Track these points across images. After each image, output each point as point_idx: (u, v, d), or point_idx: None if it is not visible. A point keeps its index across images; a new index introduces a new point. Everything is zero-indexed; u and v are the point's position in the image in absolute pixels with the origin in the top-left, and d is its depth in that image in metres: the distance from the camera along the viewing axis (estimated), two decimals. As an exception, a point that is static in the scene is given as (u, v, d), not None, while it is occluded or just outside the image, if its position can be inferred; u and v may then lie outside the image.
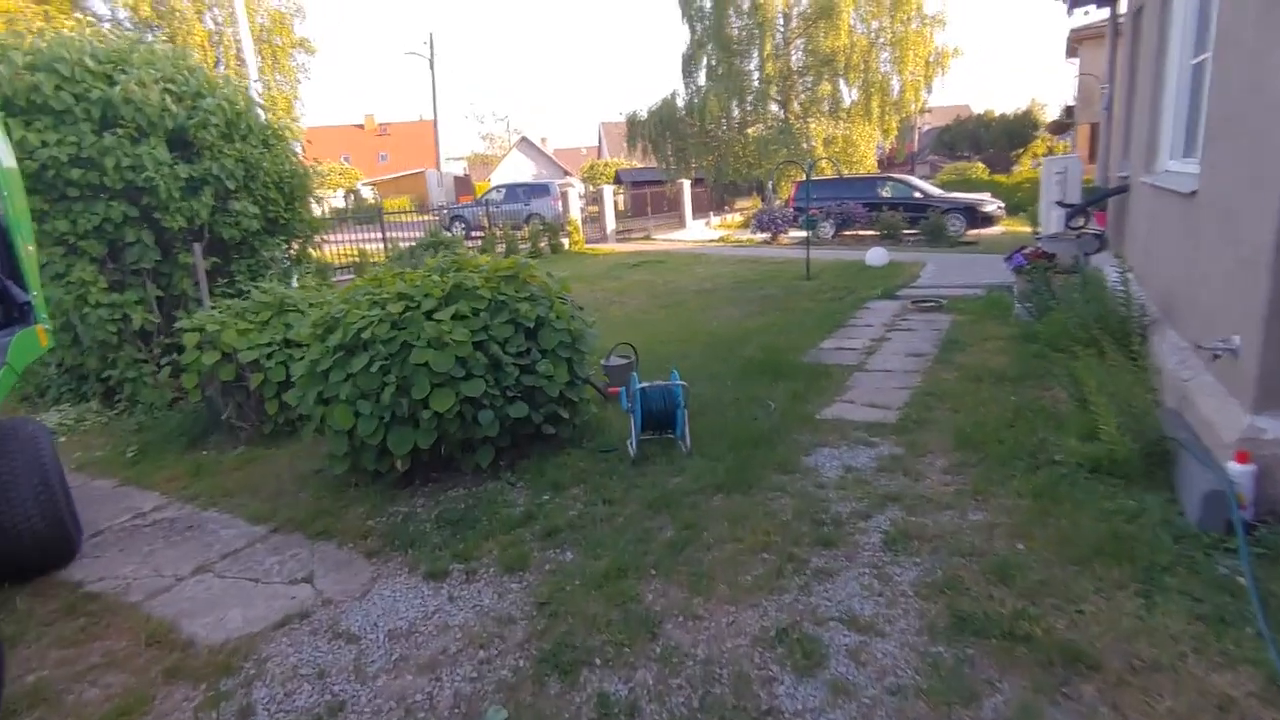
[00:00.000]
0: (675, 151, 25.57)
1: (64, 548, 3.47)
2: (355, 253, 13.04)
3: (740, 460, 4.03)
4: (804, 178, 16.93)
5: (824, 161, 21.94)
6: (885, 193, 17.70)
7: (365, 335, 3.64)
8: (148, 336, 5.59)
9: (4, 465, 3.29)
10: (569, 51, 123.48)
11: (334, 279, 11.68)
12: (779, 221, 18.00)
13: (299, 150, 6.79)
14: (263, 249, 6.14)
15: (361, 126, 58.46)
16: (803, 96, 24.38)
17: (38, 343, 3.62)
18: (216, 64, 23.41)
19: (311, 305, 4.78)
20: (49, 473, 3.40)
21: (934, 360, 5.96)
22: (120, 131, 5.00)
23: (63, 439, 5.30)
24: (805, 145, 22.72)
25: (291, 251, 6.69)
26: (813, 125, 23.31)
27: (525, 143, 51.48)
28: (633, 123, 26.21)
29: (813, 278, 10.98)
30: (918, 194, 17.41)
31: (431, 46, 37.60)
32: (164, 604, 3.11)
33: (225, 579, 3.30)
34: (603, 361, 5.47)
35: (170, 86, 5.27)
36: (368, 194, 41.89)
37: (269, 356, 4.69)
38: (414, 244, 12.07)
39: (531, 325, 4.05)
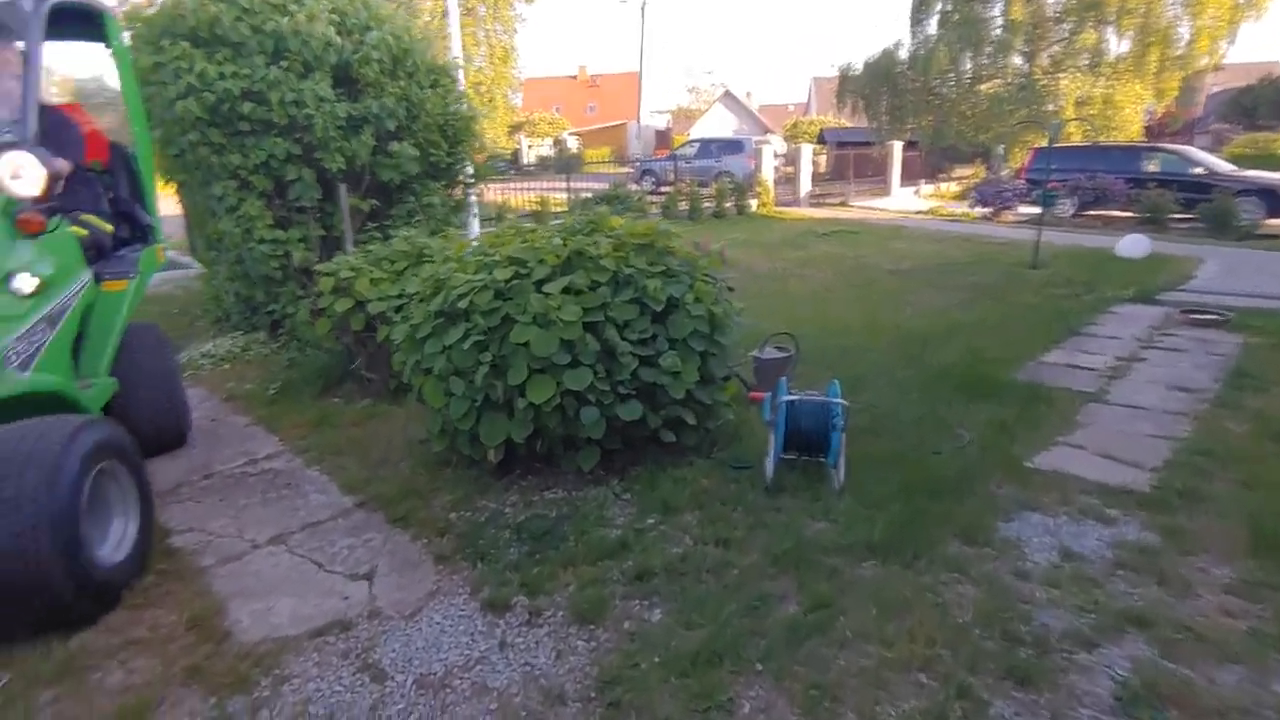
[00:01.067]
0: (890, 109, 23.06)
1: (176, 435, 4.09)
2: (538, 200, 13.05)
3: (909, 513, 3.04)
4: (1045, 144, 14.27)
5: (1073, 125, 18.48)
6: (1152, 166, 14.39)
7: (463, 304, 3.13)
8: (309, 274, 5.64)
9: (140, 357, 3.85)
10: (786, 1, 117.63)
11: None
12: (1006, 195, 15.41)
13: (503, 95, 6.49)
14: (423, 194, 5.96)
15: (574, 77, 60.16)
16: (1055, 48, 20.66)
17: (156, 259, 4.12)
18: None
19: (447, 259, 4.41)
20: (170, 369, 4.09)
21: (1212, 401, 4.37)
22: (286, 64, 4.91)
23: (226, 365, 5.55)
24: (1051, 106, 19.29)
25: (454, 196, 6.48)
26: (1064, 82, 19.68)
27: (729, 97, 49.90)
28: (845, 77, 23.99)
29: (1042, 266, 9.06)
30: (1198, 169, 13.94)
31: (645, -5, 37.13)
32: (227, 576, 2.88)
33: (295, 555, 3.02)
34: (754, 352, 4.60)
35: (337, 18, 5.10)
36: (573, 144, 43.20)
37: (397, 310, 4.41)
38: (590, 195, 11.75)
39: (660, 308, 3.31)
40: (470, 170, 6.64)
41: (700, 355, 3.41)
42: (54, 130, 3.50)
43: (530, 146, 38.90)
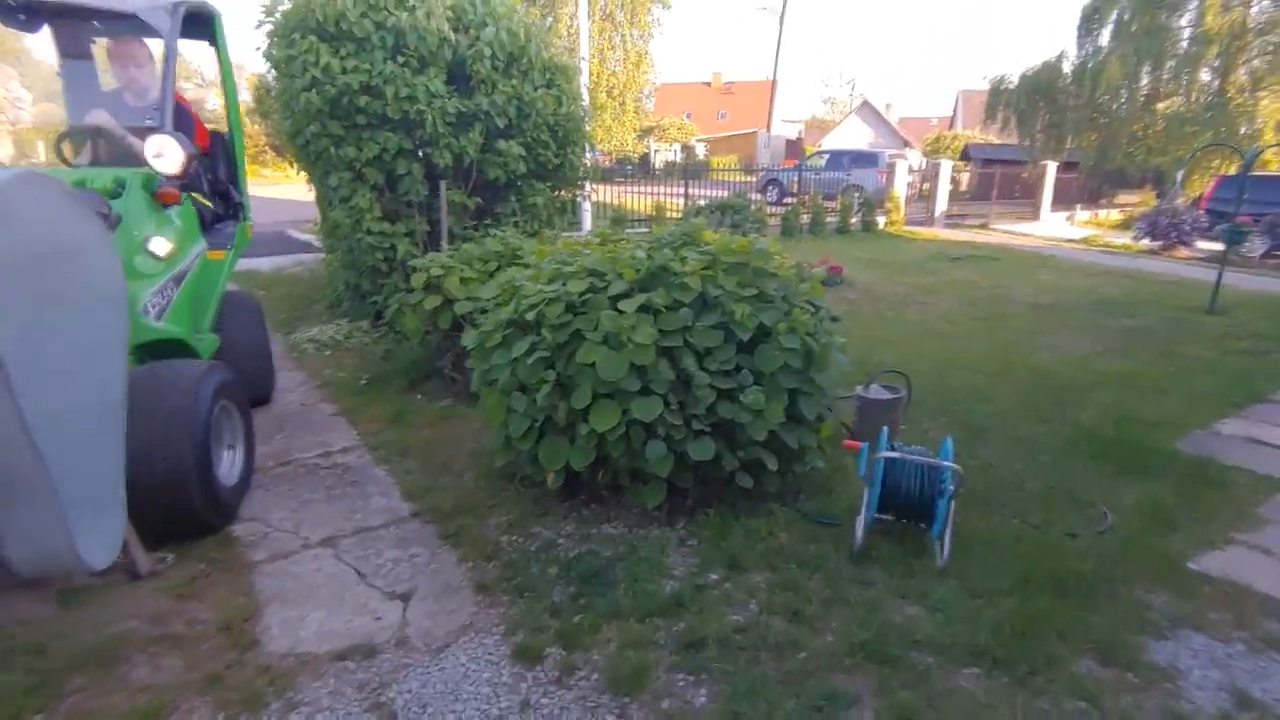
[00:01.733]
0: (1047, 126, 21.16)
1: (264, 391, 4.50)
2: (654, 205, 12.88)
3: (1027, 611, 2.51)
4: (1233, 171, 12.44)
5: (1272, 152, 16.10)
6: (1373, 204, 12.22)
7: (532, 315, 2.90)
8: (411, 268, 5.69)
9: (237, 320, 4.27)
10: (933, 9, 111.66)
11: (626, 229, 11.67)
12: (1182, 227, 13.59)
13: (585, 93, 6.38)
14: (528, 194, 5.87)
15: (708, 84, 60.02)
16: (1256, 62, 18.11)
17: (246, 235, 4.55)
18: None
19: (526, 265, 4.25)
20: (261, 333, 4.54)
21: None
22: (403, 60, 4.94)
23: (328, 351, 5.70)
24: (1245, 129, 16.92)
25: (560, 198, 6.37)
26: (1265, 102, 17.22)
27: (867, 108, 47.90)
28: (997, 90, 22.23)
29: (1221, 313, 7.81)
30: None
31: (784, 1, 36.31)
32: (272, 575, 2.81)
33: (340, 562, 2.91)
34: (859, 389, 4.11)
35: (453, 15, 5.09)
36: (700, 150, 42.97)
37: (484, 311, 4.30)
38: (705, 202, 11.41)
39: (748, 336, 2.94)
40: (581, 171, 6.51)
41: (790, 393, 3.01)
42: (176, 118, 3.66)
43: (658, 151, 39.14)
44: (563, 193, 6.46)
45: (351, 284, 5.95)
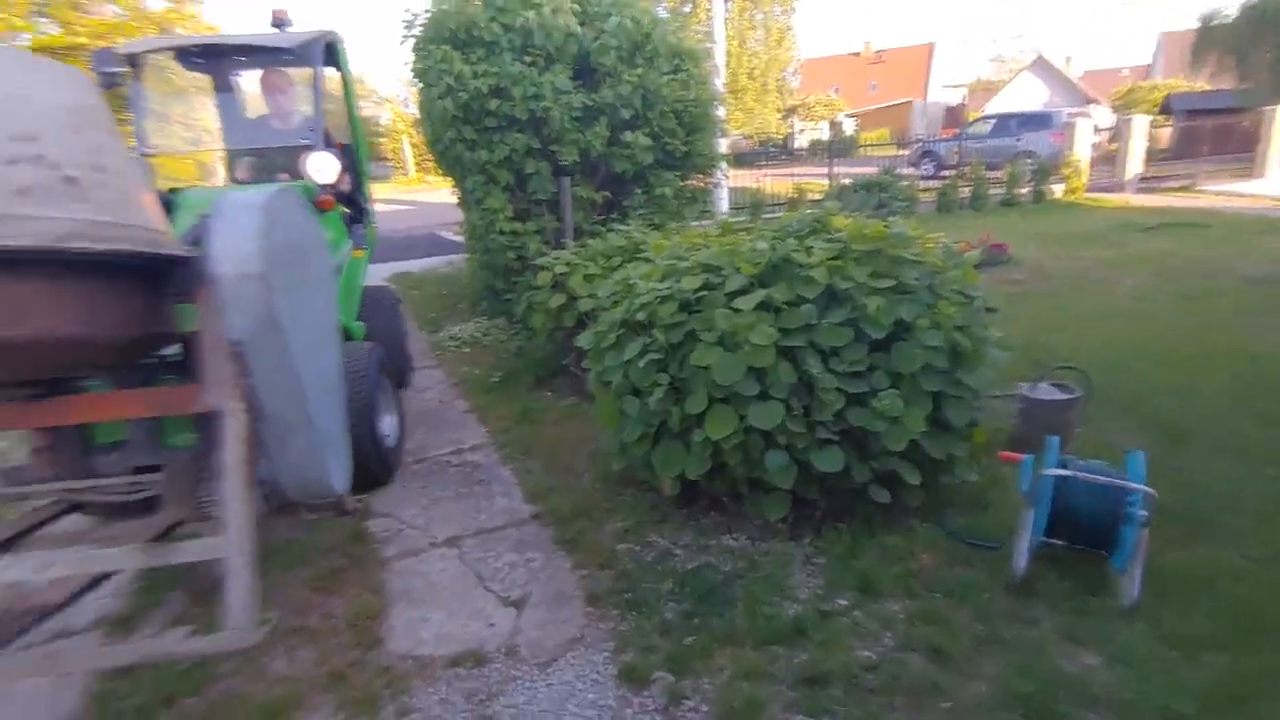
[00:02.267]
0: (1274, 64, 17.75)
1: (401, 376, 4.85)
2: (793, 188, 12.32)
3: (1244, 670, 2.01)
4: None
5: None
6: None
7: (642, 316, 2.76)
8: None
9: (380, 311, 4.69)
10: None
11: (764, 215, 11.25)
12: None
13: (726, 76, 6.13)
14: (655, 184, 5.74)
15: (857, 55, 56.85)
16: None
17: (373, 236, 4.95)
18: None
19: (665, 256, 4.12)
20: (399, 323, 5.02)
21: None
22: (530, 59, 4.98)
23: (466, 349, 5.93)
24: None
25: (690, 187, 6.18)
26: None
27: (1041, 64, 42.99)
28: (1208, 27, 18.92)
29: None
30: None
31: (945, -44, 33.30)
32: (399, 574, 2.90)
33: (462, 564, 2.96)
34: (1023, 388, 3.58)
35: (579, 8, 5.04)
36: (849, 125, 40.87)
37: (614, 305, 4.24)
38: (850, 182, 10.69)
39: (883, 334, 2.61)
40: (712, 158, 6.28)
41: (933, 396, 2.64)
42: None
43: (802, 130, 37.65)
44: (693, 181, 6.26)
45: (488, 283, 6.15)
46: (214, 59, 4.30)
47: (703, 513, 3.13)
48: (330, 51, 4.37)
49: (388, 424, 3.75)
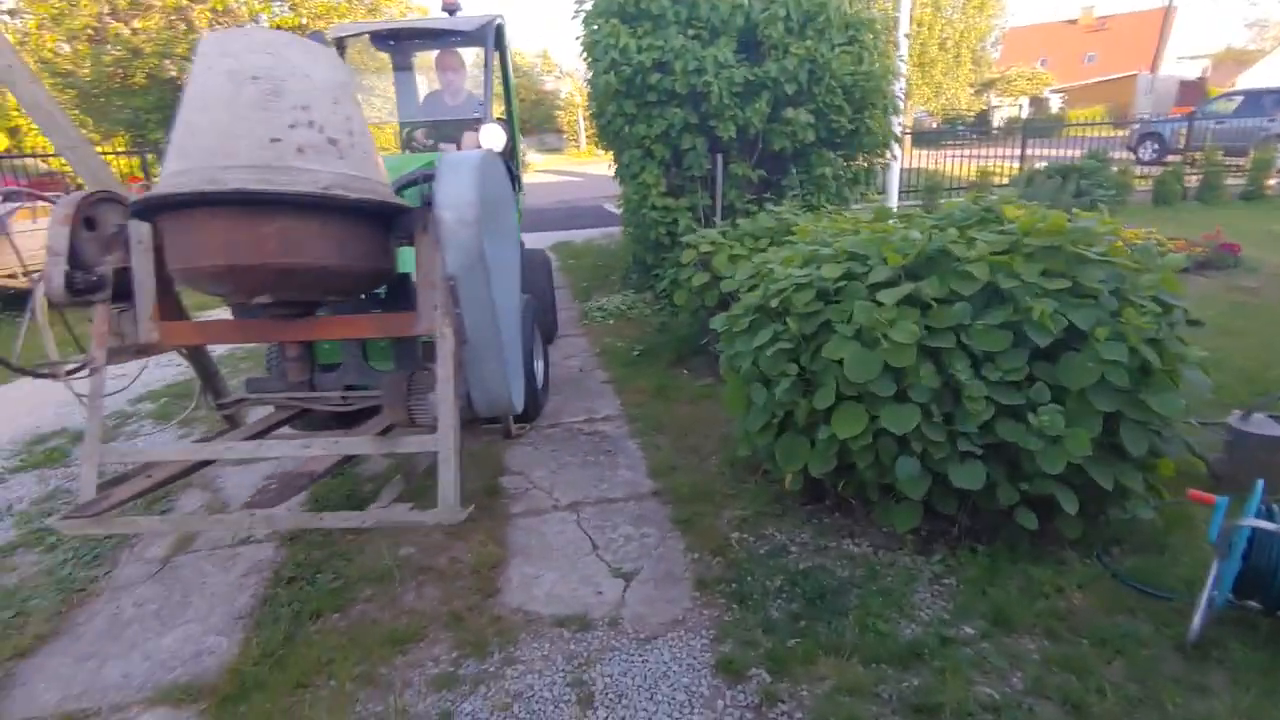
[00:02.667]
0: None
1: (549, 332, 5.30)
2: (977, 171, 11.26)
3: None
4: None
5: None
6: None
7: (776, 302, 2.65)
8: (692, 243, 5.75)
9: (533, 271, 4.99)
10: None
11: (941, 199, 10.39)
12: None
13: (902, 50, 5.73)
14: (816, 163, 5.48)
15: (1073, 22, 50.40)
16: None
17: (520, 203, 5.04)
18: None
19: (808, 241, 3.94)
20: (549, 283, 5.50)
21: None
22: (693, 32, 4.90)
23: (612, 321, 6.07)
24: None
25: (853, 166, 5.83)
26: None
27: (1319, 28, 35.65)
28: None
29: None
30: None
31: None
32: (522, 531, 3.06)
33: (580, 529, 3.06)
34: (1233, 418, 3.04)
35: (748, -23, 4.88)
36: (1055, 103, 36.57)
37: (751, 289, 4.14)
38: (1046, 166, 9.54)
39: (1048, 341, 2.31)
40: (882, 136, 5.87)
41: (1106, 417, 2.31)
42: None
43: (997, 107, 34.23)
44: (860, 160, 5.90)
45: (639, 257, 6.23)
46: (402, 41, 4.71)
47: (826, 512, 2.99)
48: (498, 34, 4.70)
49: (539, 368, 4.22)
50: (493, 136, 4.17)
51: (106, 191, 2.76)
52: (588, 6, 5.49)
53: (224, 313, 3.69)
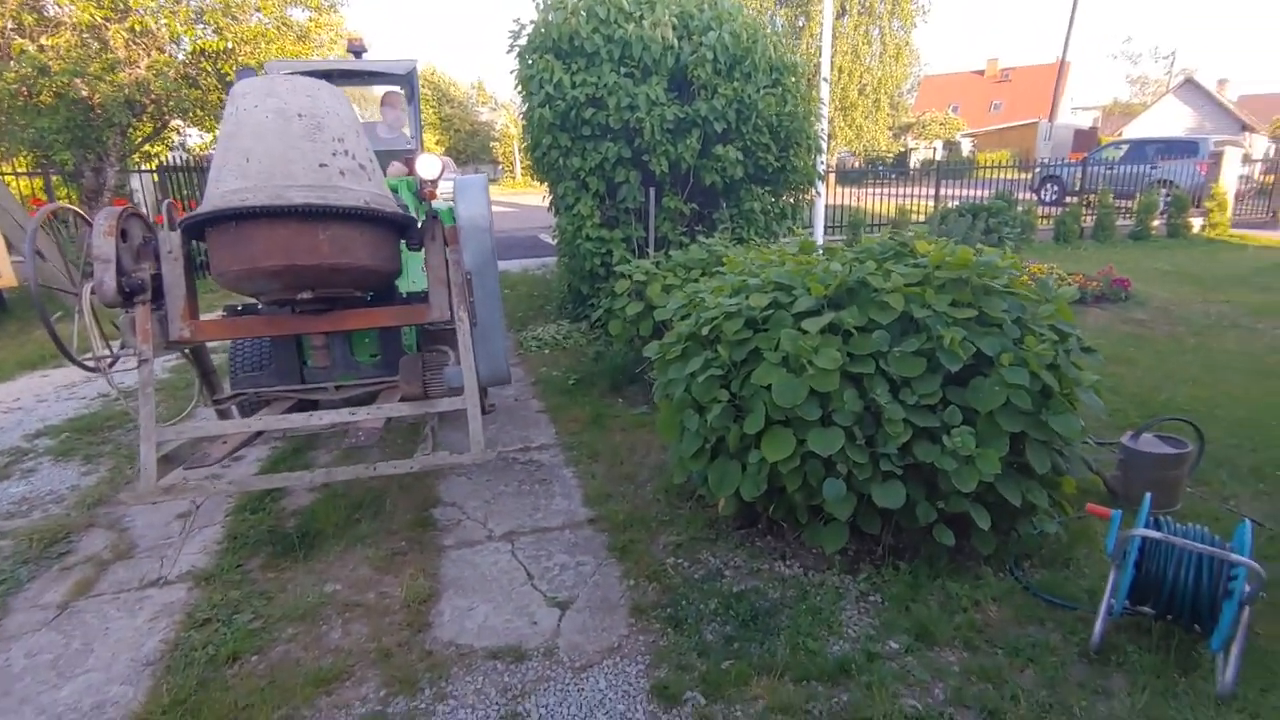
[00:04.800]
0: None
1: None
2: (894, 209, 11.88)
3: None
4: None
5: None
6: None
7: (707, 331, 2.73)
8: (625, 273, 5.84)
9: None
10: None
11: (863, 234, 10.88)
12: None
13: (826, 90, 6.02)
14: (745, 199, 5.69)
15: (980, 73, 54.23)
16: None
17: None
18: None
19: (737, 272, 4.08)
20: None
21: None
22: (626, 70, 5.05)
23: (547, 350, 6.07)
24: None
25: (782, 203, 6.09)
26: None
27: (1190, 86, 39.48)
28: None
29: None
30: None
31: (1086, -30, 31.29)
32: (455, 563, 3.00)
33: (515, 559, 3.02)
34: (1125, 438, 3.29)
35: (677, 21, 5.07)
36: (966, 146, 38.99)
37: (683, 318, 4.23)
38: (958, 205, 10.18)
39: (958, 366, 2.47)
40: (805, 174, 6.15)
41: (1013, 438, 2.47)
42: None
43: (912, 149, 36.25)
44: (785, 197, 6.16)
45: (574, 287, 6.28)
46: (334, 79, 4.80)
47: (759, 535, 3.05)
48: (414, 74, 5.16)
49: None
50: (428, 165, 4.19)
51: (132, 208, 3.10)
52: (523, 41, 5.59)
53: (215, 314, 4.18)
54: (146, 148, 12.57)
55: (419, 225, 3.13)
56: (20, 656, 2.49)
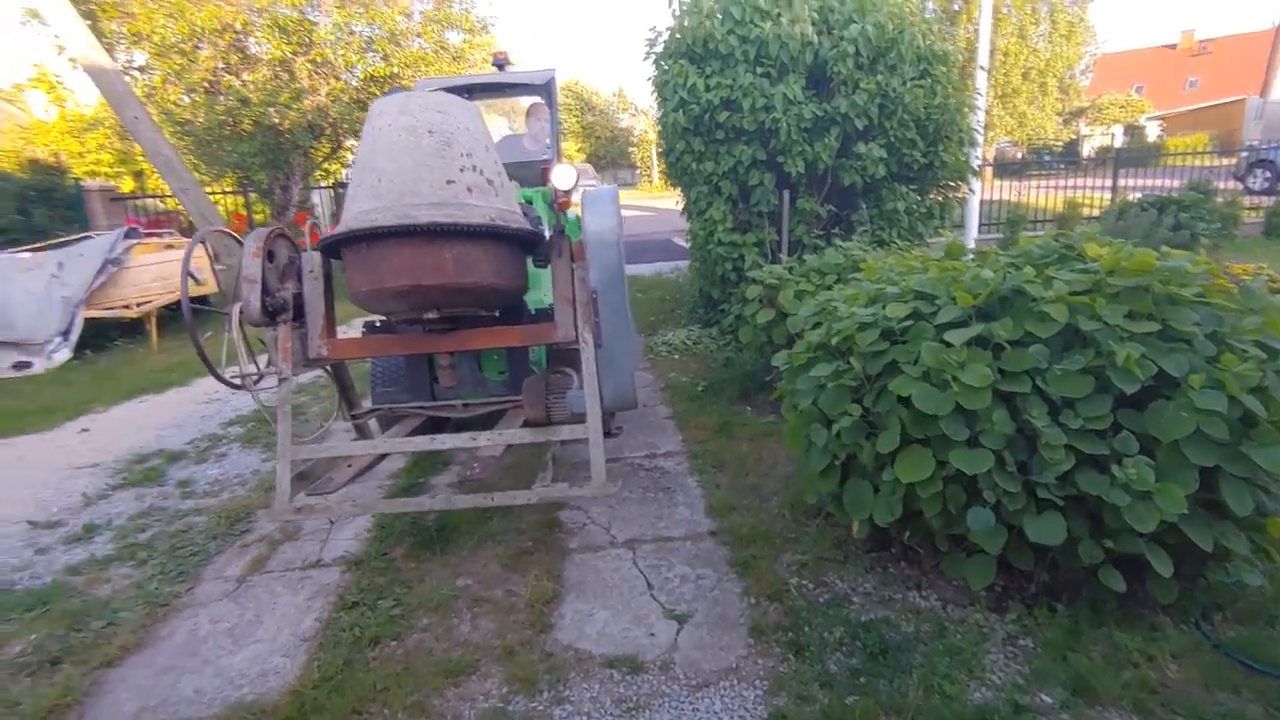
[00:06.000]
0: None
1: None
2: (1063, 202, 10.76)
3: None
4: None
5: None
6: None
7: (836, 340, 2.58)
8: (758, 278, 5.71)
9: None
10: None
11: (1023, 232, 9.96)
12: None
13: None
14: (887, 198, 5.37)
15: (1172, 47, 47.97)
16: None
17: None
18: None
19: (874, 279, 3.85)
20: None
21: None
22: (761, 70, 4.93)
23: (677, 356, 6.06)
24: None
25: (927, 201, 5.68)
26: None
27: None
28: None
29: None
30: None
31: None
32: (578, 566, 3.05)
33: (635, 567, 3.02)
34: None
35: (817, 16, 4.87)
36: (1152, 130, 34.70)
37: (814, 327, 4.06)
38: (1141, 198, 9.00)
39: (1135, 388, 2.16)
40: (956, 170, 5.71)
41: (1203, 472, 2.12)
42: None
43: (1087, 136, 32.75)
44: (933, 195, 5.76)
45: (705, 292, 6.23)
46: (476, 93, 5.06)
47: (891, 561, 2.85)
48: (553, 83, 5.21)
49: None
50: (563, 175, 4.31)
51: (279, 228, 3.19)
52: (658, 48, 5.62)
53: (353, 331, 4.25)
54: (325, 166, 14.04)
55: (546, 241, 3.01)
56: (205, 622, 2.83)
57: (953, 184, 5.74)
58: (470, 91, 5.15)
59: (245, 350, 3.18)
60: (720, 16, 5.06)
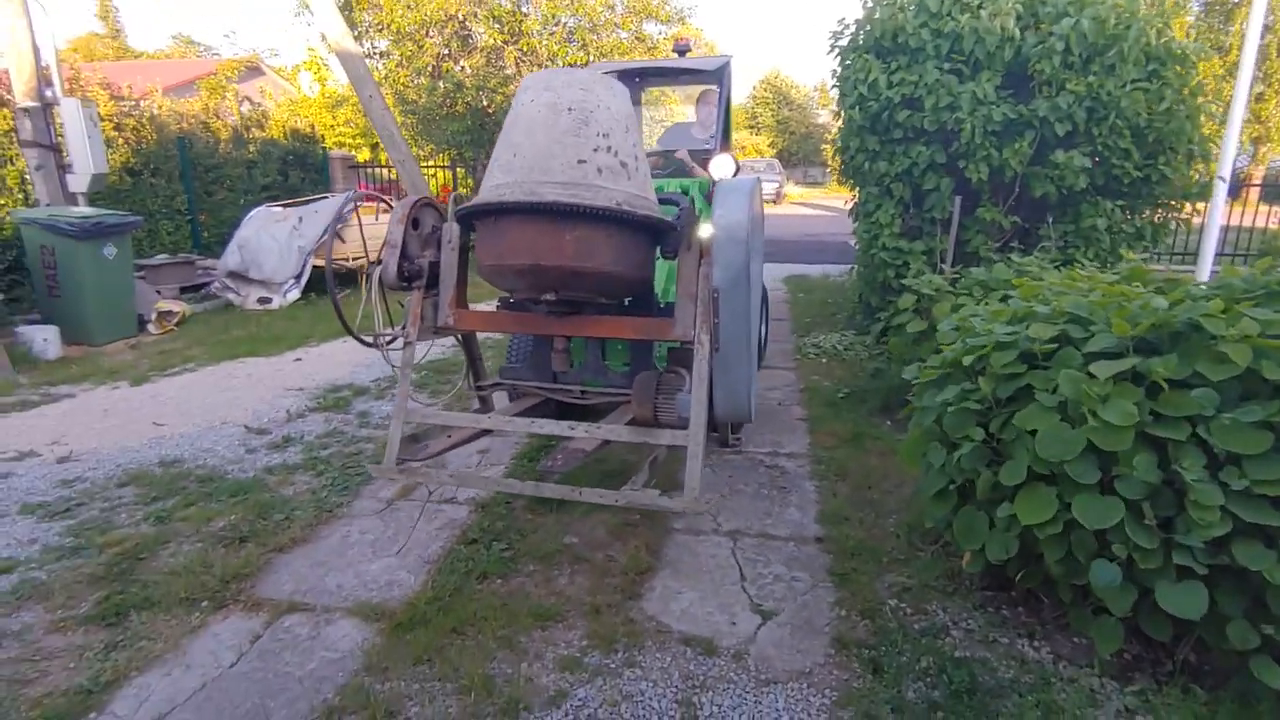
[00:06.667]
0: None
1: (759, 354, 4.89)
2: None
3: None
4: None
5: None
6: None
7: (969, 359, 2.41)
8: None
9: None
10: None
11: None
12: None
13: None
14: (1087, 213, 4.81)
15: None
16: None
17: None
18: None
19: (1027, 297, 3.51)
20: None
21: None
22: (949, 67, 4.61)
23: (825, 359, 5.88)
24: None
25: (1141, 221, 5.01)
26: None
27: None
28: None
29: None
30: None
31: None
32: (677, 546, 3.14)
33: (733, 557, 3.05)
34: None
35: (1021, 9, 4.44)
36: None
37: (953, 343, 3.79)
38: None
39: (1329, 451, 1.82)
40: (1187, 186, 4.97)
41: None
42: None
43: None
44: (1148, 214, 5.07)
45: (865, 297, 5.99)
46: (648, 78, 5.16)
47: (1008, 603, 2.63)
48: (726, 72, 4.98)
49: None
50: (723, 166, 4.34)
51: (427, 198, 3.28)
52: (844, 41, 5.45)
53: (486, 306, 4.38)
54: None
55: (676, 232, 2.82)
56: (356, 532, 3.28)
57: (1176, 202, 5.01)
58: (642, 76, 5.25)
59: (383, 311, 3.26)
60: (914, 9, 4.80)
